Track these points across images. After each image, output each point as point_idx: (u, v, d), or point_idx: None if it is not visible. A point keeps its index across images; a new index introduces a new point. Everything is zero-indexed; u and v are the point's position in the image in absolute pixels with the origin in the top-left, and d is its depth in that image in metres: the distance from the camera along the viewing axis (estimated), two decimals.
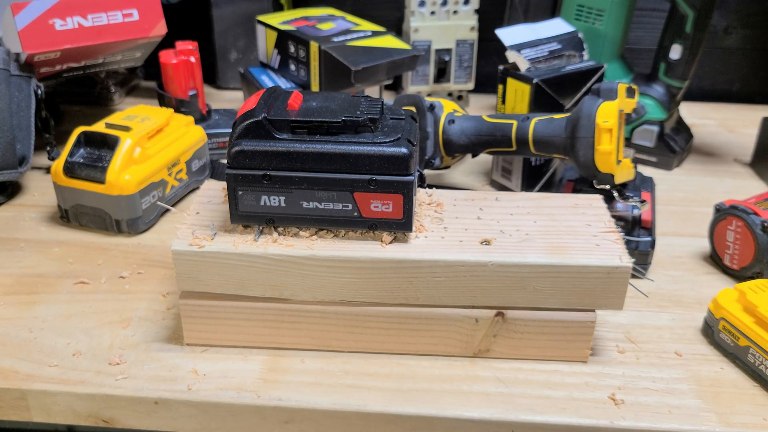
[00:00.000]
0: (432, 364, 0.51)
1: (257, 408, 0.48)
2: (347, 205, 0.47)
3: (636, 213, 0.63)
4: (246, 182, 0.47)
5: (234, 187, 0.47)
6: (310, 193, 0.47)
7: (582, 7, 0.90)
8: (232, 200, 0.48)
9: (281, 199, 0.47)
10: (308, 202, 0.47)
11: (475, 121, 0.69)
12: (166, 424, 0.49)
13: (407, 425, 0.48)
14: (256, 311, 0.51)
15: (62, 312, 0.57)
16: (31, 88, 0.76)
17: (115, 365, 0.51)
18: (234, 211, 0.48)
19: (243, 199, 0.47)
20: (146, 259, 0.64)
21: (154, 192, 0.69)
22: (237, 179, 0.47)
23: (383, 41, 0.86)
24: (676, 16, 0.81)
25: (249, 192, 0.47)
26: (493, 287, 0.48)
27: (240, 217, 0.48)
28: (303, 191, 0.47)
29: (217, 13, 1.02)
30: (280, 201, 0.47)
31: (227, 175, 0.47)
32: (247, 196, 0.47)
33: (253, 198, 0.47)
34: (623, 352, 0.53)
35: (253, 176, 0.46)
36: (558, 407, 0.48)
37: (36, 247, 0.66)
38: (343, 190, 0.47)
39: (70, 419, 0.50)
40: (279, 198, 0.47)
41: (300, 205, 0.47)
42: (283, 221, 0.48)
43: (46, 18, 0.75)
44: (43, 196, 0.75)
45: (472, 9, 0.95)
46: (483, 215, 0.53)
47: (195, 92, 0.85)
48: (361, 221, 0.48)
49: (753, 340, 0.50)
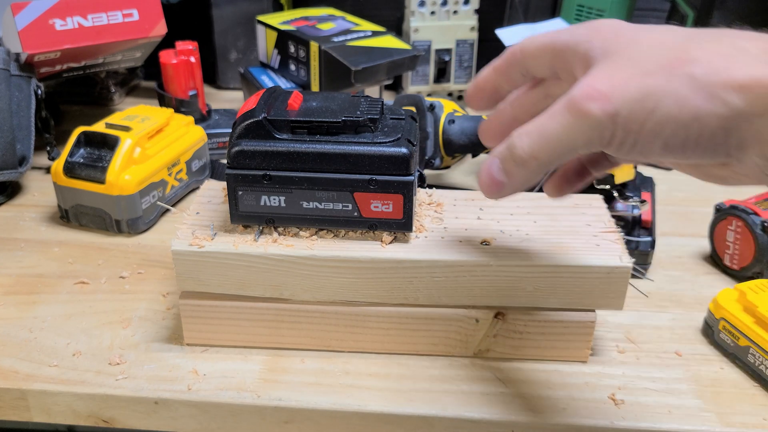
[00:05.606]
0: (432, 364, 0.51)
1: (257, 408, 0.48)
2: (347, 205, 0.47)
3: (636, 213, 0.63)
4: (246, 182, 0.47)
5: (234, 187, 0.47)
6: (310, 193, 0.47)
7: (582, 7, 0.90)
8: (232, 200, 0.48)
9: (281, 199, 0.47)
10: (308, 202, 0.47)
11: (475, 121, 0.69)
12: (166, 424, 0.49)
13: (407, 425, 0.48)
14: (256, 311, 0.51)
15: (62, 312, 0.57)
16: (31, 88, 0.76)
17: (115, 365, 0.51)
18: (234, 211, 0.48)
19: (243, 199, 0.47)
20: (146, 259, 0.64)
21: (154, 192, 0.69)
22: (237, 179, 0.47)
23: (383, 41, 0.86)
24: (676, 16, 0.81)
25: (249, 192, 0.47)
26: (493, 287, 0.48)
27: (240, 217, 0.48)
28: (303, 191, 0.47)
29: (217, 13, 1.02)
30: (280, 201, 0.47)
31: (227, 175, 0.47)
32: (247, 196, 0.47)
33: (253, 198, 0.47)
34: (623, 352, 0.53)
35: (253, 176, 0.47)
36: (558, 407, 0.48)
37: (36, 247, 0.66)
38: (343, 190, 0.47)
39: (70, 419, 0.50)
40: (279, 198, 0.47)
41: (300, 205, 0.47)
42: (283, 221, 0.48)
43: (46, 18, 0.75)
44: (43, 196, 0.75)
45: (472, 9, 0.94)
46: (483, 215, 0.53)
47: (195, 92, 0.85)
48: (361, 221, 0.48)
49: (753, 340, 0.50)
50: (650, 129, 0.31)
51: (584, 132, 0.32)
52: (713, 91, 0.29)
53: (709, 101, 0.29)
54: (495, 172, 0.37)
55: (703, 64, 0.30)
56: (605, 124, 0.31)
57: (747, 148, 0.30)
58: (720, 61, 0.30)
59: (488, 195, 0.38)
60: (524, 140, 0.35)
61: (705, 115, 0.30)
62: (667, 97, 0.30)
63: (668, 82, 0.30)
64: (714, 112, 0.29)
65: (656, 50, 0.32)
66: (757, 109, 0.29)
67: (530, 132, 0.34)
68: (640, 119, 0.31)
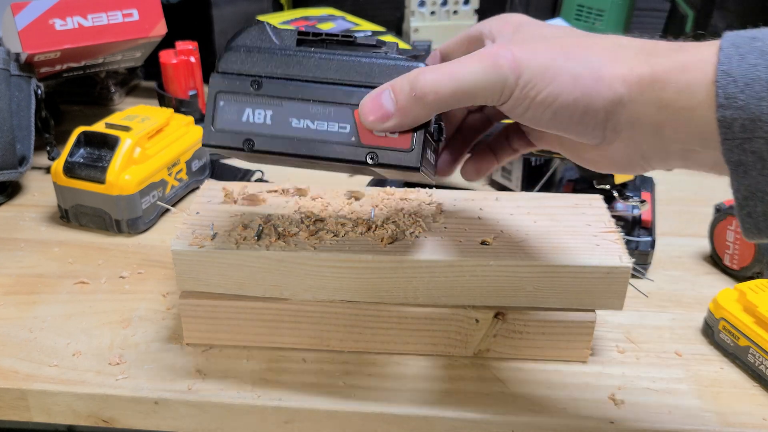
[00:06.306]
0: (432, 364, 0.51)
1: (257, 408, 0.48)
2: (344, 126, 0.39)
3: (636, 213, 0.63)
4: (230, 89, 0.40)
5: (215, 95, 0.40)
6: (302, 108, 0.40)
7: (582, 7, 0.90)
8: (209, 113, 0.41)
9: (267, 115, 0.40)
10: (298, 120, 0.40)
11: None
12: (166, 424, 0.49)
13: (407, 425, 0.48)
14: (256, 311, 0.51)
15: (62, 312, 0.57)
16: (31, 88, 0.76)
17: (115, 365, 0.51)
18: (208, 129, 0.41)
19: (223, 111, 0.40)
20: (146, 259, 0.64)
21: (154, 192, 0.69)
22: (221, 84, 0.40)
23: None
24: (676, 16, 0.81)
25: (231, 103, 0.40)
26: (493, 287, 0.48)
27: (215, 135, 0.40)
28: (295, 104, 0.40)
29: (217, 13, 1.02)
30: (266, 116, 0.40)
31: (211, 79, 0.40)
32: (228, 108, 0.40)
33: (234, 111, 0.40)
34: (623, 352, 0.53)
35: (241, 81, 0.40)
36: (558, 407, 0.48)
37: (36, 247, 0.66)
38: (343, 105, 0.39)
39: (70, 419, 0.50)
40: (265, 112, 0.40)
41: (288, 124, 0.40)
42: (264, 143, 0.40)
43: (46, 18, 0.75)
44: (43, 196, 0.75)
45: (472, 9, 0.95)
46: (483, 215, 0.53)
47: (195, 92, 0.85)
48: (358, 148, 0.39)
49: (753, 340, 0.50)
50: (544, 98, 0.35)
51: (489, 80, 0.35)
52: (602, 76, 0.34)
53: (598, 83, 0.34)
54: (384, 99, 0.37)
55: (597, 55, 0.35)
56: (509, 80, 0.35)
57: (620, 132, 0.35)
58: (608, 54, 0.35)
59: (367, 122, 0.38)
60: (428, 75, 0.36)
61: (593, 95, 0.34)
62: (564, 74, 0.34)
63: (566, 62, 0.35)
64: (601, 94, 0.34)
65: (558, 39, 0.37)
66: (633, 96, 0.34)
67: (435, 69, 0.36)
68: (538, 87, 0.34)
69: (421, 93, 0.36)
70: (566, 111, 0.35)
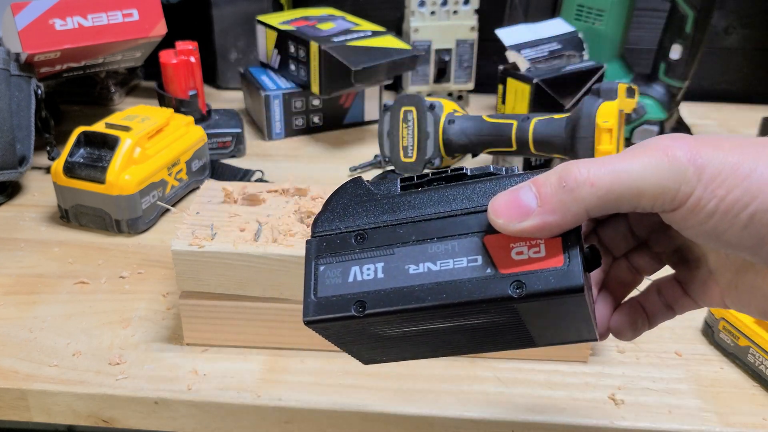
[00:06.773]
0: (432, 364, 0.51)
1: (257, 408, 0.48)
2: (474, 259, 0.32)
3: None
4: (330, 250, 0.34)
5: (315, 262, 0.34)
6: (419, 250, 0.33)
7: (582, 7, 0.90)
8: (308, 283, 0.33)
9: (378, 268, 0.33)
10: (416, 265, 0.32)
11: (475, 121, 0.69)
12: (166, 424, 0.49)
13: (407, 425, 0.48)
14: (256, 311, 0.51)
15: (62, 312, 0.57)
16: (31, 88, 0.76)
17: (115, 365, 0.51)
18: (309, 299, 0.33)
19: (324, 277, 0.33)
20: (146, 259, 0.64)
21: (154, 192, 0.69)
22: (319, 247, 0.34)
23: (383, 41, 0.86)
24: (676, 16, 0.81)
25: (333, 265, 0.33)
26: None
27: (319, 306, 0.32)
28: (409, 249, 0.33)
29: (217, 13, 1.02)
30: (377, 270, 0.33)
31: (306, 246, 0.34)
32: (330, 272, 0.33)
33: (338, 273, 0.33)
34: (623, 352, 0.53)
35: (341, 238, 0.34)
36: (558, 407, 0.48)
37: (36, 247, 0.66)
38: (468, 235, 0.32)
39: (70, 419, 0.50)
40: (375, 266, 0.33)
41: (405, 273, 0.32)
42: (380, 303, 0.32)
43: (46, 18, 0.75)
44: (43, 196, 0.75)
45: (472, 9, 0.94)
46: None
47: (195, 92, 0.85)
48: (497, 281, 0.30)
49: (753, 340, 0.50)
50: (736, 198, 0.27)
51: (661, 174, 0.27)
52: None
53: None
54: (523, 194, 0.29)
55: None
56: (689, 174, 0.27)
57: None
58: None
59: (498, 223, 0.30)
60: (582, 166, 0.28)
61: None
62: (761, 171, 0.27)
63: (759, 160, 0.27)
64: None
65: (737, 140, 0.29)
66: None
67: (590, 162, 0.29)
68: (728, 184, 0.27)
69: (574, 184, 0.28)
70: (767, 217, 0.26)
